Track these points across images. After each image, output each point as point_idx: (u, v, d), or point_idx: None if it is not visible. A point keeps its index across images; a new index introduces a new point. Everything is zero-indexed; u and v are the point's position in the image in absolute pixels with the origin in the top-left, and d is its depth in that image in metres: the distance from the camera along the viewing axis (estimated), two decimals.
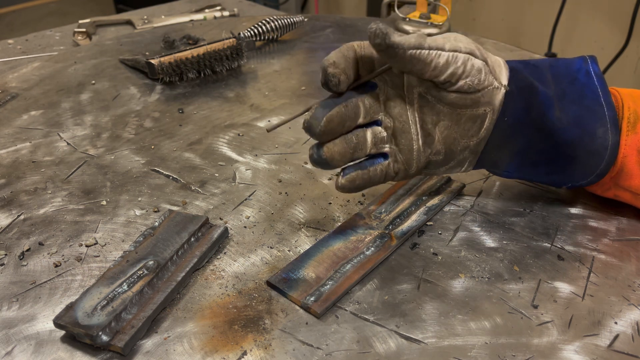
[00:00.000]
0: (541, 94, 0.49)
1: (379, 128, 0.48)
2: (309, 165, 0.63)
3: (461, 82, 0.46)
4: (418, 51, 0.43)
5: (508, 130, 0.49)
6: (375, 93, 0.48)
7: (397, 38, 0.43)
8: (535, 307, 0.44)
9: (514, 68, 0.49)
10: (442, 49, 0.44)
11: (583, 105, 0.49)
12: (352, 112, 0.46)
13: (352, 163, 0.49)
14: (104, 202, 0.58)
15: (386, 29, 0.43)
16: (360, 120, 0.47)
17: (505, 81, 0.48)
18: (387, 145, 0.49)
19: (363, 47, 0.48)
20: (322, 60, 0.46)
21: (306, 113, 0.47)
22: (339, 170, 0.49)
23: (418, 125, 0.48)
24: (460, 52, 0.45)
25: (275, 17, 0.99)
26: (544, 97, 0.49)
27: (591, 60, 0.51)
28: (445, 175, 0.59)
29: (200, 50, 0.85)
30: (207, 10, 1.18)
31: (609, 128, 0.49)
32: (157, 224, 0.52)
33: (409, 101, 0.48)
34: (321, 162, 0.47)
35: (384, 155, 0.49)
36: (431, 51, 0.44)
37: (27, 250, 0.51)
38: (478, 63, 0.46)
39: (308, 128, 0.46)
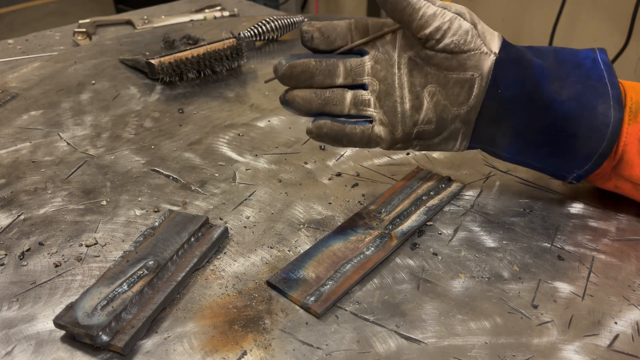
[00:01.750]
0: (535, 66, 0.49)
1: (363, 91, 0.51)
2: (309, 165, 0.63)
3: (447, 40, 0.47)
4: None
5: (503, 104, 0.49)
6: (362, 58, 0.50)
7: None
8: (535, 307, 0.44)
9: (509, 42, 0.49)
10: (433, 2, 0.47)
11: (587, 84, 0.49)
12: (326, 68, 0.49)
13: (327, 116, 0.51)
14: (104, 202, 0.58)
15: None
16: (340, 80, 0.50)
17: (495, 48, 0.48)
18: (370, 109, 0.51)
19: (358, 21, 0.50)
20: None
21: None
22: (339, 171, 0.49)
23: (406, 89, 0.50)
24: (449, 10, 0.47)
25: (275, 17, 0.99)
26: (538, 69, 0.49)
27: (600, 51, 0.51)
28: (445, 175, 0.59)
29: (200, 50, 0.85)
30: (207, 10, 1.18)
31: (612, 105, 0.48)
32: (157, 224, 0.52)
33: (397, 65, 0.49)
34: (284, 102, 0.51)
35: (369, 120, 0.51)
36: (422, 0, 0.46)
37: (27, 250, 0.51)
38: (465, 25, 0.47)
39: (274, 70, 0.50)
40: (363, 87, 0.50)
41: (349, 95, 0.50)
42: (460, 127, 0.50)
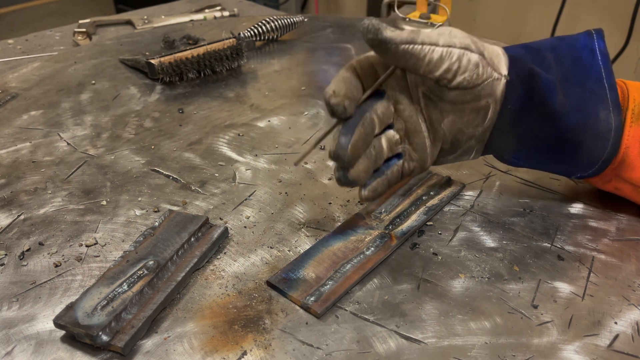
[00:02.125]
0: (543, 80, 0.48)
1: (392, 132, 0.49)
2: (309, 165, 0.63)
3: (459, 78, 0.45)
4: (410, 46, 0.43)
5: (512, 117, 0.49)
6: (384, 101, 0.48)
7: (389, 33, 0.43)
8: (535, 307, 0.44)
9: (514, 56, 0.49)
10: (436, 44, 0.44)
11: (586, 87, 0.49)
12: (370, 128, 0.46)
13: None
14: (104, 202, 0.58)
15: (378, 24, 0.43)
16: (376, 132, 0.48)
17: (505, 71, 0.48)
18: (400, 147, 0.50)
19: (361, 60, 0.48)
20: (324, 92, 0.46)
21: (329, 139, 0.46)
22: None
23: (427, 123, 0.49)
24: (454, 47, 0.45)
25: (275, 17, 0.99)
26: (545, 83, 0.48)
27: (597, 36, 0.50)
28: (445, 175, 0.59)
29: (200, 50, 0.85)
30: (207, 10, 1.18)
31: (611, 110, 0.48)
32: (157, 224, 0.52)
33: (415, 101, 0.49)
34: (349, 183, 0.47)
35: (398, 155, 0.50)
36: (424, 46, 0.44)
37: (27, 250, 0.51)
38: (474, 57, 0.45)
39: (336, 158, 0.45)
40: (389, 126, 0.49)
41: (384, 143, 0.49)
42: (475, 144, 0.51)
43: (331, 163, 0.49)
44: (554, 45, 0.51)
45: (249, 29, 0.97)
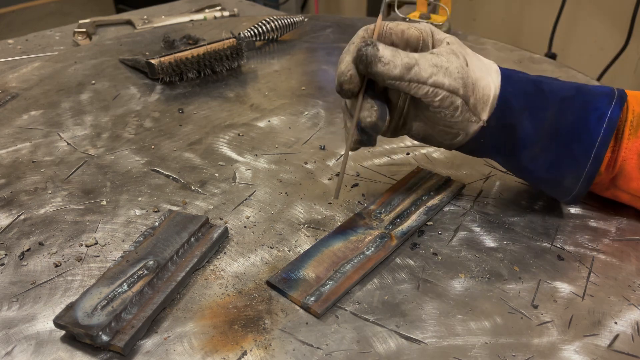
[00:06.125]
0: (520, 135, 0.49)
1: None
2: (309, 165, 0.63)
3: (437, 110, 0.47)
4: (398, 82, 0.45)
5: (483, 149, 0.52)
6: None
7: (380, 68, 0.45)
8: (535, 307, 0.44)
9: (507, 101, 0.48)
10: (425, 83, 0.45)
11: (570, 150, 0.49)
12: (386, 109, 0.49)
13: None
14: (104, 202, 0.58)
15: (372, 56, 0.44)
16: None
17: (485, 116, 0.49)
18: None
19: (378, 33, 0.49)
20: (337, 73, 0.47)
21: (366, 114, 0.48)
22: (339, 171, 0.49)
23: (403, 114, 0.52)
24: (442, 88, 0.46)
25: (275, 17, 0.99)
26: (521, 138, 0.49)
27: (617, 100, 0.49)
28: (445, 175, 0.59)
29: (200, 50, 0.85)
30: (207, 10, 1.18)
31: (581, 181, 0.49)
32: (157, 224, 0.52)
33: (403, 95, 0.51)
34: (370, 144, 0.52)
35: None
36: (411, 83, 0.45)
37: (27, 250, 0.51)
38: (457, 102, 0.47)
39: (374, 127, 0.48)
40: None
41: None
42: (445, 148, 0.53)
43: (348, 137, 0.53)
44: (568, 97, 0.49)
45: (249, 29, 0.97)
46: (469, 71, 0.47)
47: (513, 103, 0.49)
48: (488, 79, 0.48)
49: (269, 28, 0.98)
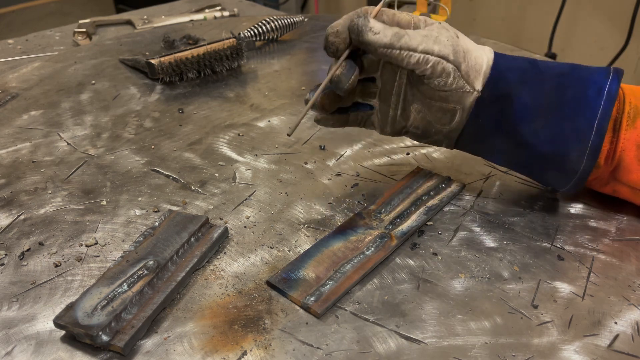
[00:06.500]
0: (515, 105, 0.49)
1: (371, 83, 0.54)
2: (309, 165, 0.63)
3: (430, 80, 0.48)
4: (389, 50, 0.46)
5: (482, 132, 0.51)
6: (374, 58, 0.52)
7: (370, 37, 0.46)
8: (535, 307, 0.44)
9: (501, 73, 0.49)
10: (414, 50, 0.47)
11: (575, 123, 0.48)
12: (358, 71, 0.50)
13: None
14: (104, 202, 0.58)
15: (362, 25, 0.46)
16: (363, 76, 0.52)
17: (479, 86, 0.49)
18: (374, 101, 0.54)
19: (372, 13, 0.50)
20: (330, 26, 0.49)
21: (335, 72, 0.49)
22: (339, 171, 0.49)
23: (401, 97, 0.52)
24: (432, 54, 0.47)
25: (275, 17, 0.99)
26: (518, 109, 0.49)
27: (614, 75, 0.49)
28: (445, 175, 0.59)
29: (200, 50, 0.85)
30: (207, 10, 1.18)
31: (586, 155, 0.48)
32: (157, 224, 0.52)
33: (399, 74, 0.52)
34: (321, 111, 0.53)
35: (371, 107, 0.55)
36: (402, 51, 0.46)
37: (27, 250, 0.51)
38: (448, 67, 0.47)
39: (337, 83, 0.49)
40: (372, 79, 0.53)
41: (358, 87, 0.54)
42: (443, 139, 0.53)
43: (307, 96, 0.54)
44: (564, 72, 0.50)
45: (249, 29, 0.97)
46: (459, 41, 0.48)
47: (508, 75, 0.49)
48: (480, 51, 0.50)
49: (269, 28, 0.98)
